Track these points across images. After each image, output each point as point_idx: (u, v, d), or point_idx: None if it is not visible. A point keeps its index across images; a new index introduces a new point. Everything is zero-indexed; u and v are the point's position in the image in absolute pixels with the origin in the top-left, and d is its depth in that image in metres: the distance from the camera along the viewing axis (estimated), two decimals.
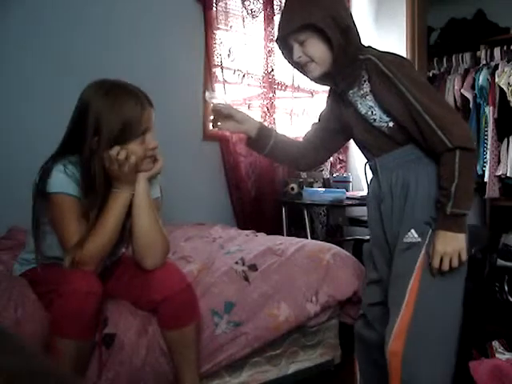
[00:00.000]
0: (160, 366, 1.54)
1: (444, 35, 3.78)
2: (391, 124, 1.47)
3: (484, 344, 2.34)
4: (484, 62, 3.52)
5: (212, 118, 1.60)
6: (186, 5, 2.93)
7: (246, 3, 3.09)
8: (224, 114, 1.59)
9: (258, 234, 2.42)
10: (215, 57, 2.97)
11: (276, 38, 1.57)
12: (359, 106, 1.49)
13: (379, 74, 1.43)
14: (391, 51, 1.51)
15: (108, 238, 1.45)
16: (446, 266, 1.41)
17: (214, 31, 2.97)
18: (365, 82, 1.46)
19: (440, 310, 1.44)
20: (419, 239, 1.45)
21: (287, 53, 1.57)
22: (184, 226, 2.58)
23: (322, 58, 1.48)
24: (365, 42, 1.53)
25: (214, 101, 1.61)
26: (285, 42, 1.54)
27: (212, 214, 2.98)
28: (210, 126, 1.63)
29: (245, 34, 3.13)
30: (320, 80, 1.57)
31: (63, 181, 1.43)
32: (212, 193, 3.07)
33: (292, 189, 3.11)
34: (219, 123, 1.61)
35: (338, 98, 1.60)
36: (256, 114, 3.17)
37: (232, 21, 3.10)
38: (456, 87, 3.59)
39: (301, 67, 1.55)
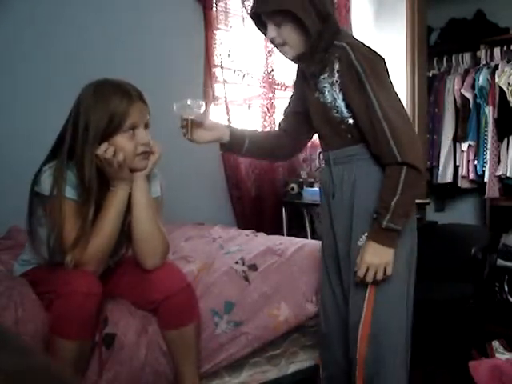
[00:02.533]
0: (160, 365, 1.54)
1: (444, 35, 3.78)
2: (350, 121, 1.45)
3: (484, 344, 2.35)
4: (484, 62, 3.52)
5: (184, 130, 1.53)
6: (186, 5, 2.93)
7: (246, 3, 3.08)
8: (195, 123, 1.53)
9: (257, 233, 2.42)
10: (215, 57, 2.97)
11: (249, 12, 1.51)
12: (326, 93, 1.46)
13: (350, 65, 1.39)
14: (369, 46, 1.47)
15: (107, 237, 1.45)
16: (370, 278, 1.41)
17: (214, 31, 2.97)
18: (336, 71, 1.42)
19: (395, 314, 1.47)
20: None
21: (262, 28, 1.52)
22: (184, 226, 2.58)
23: (297, 43, 1.44)
24: (365, 42, 1.50)
25: (184, 113, 1.50)
26: (259, 18, 1.49)
27: (212, 214, 2.98)
28: (185, 138, 1.54)
29: (245, 34, 3.14)
30: (295, 61, 1.53)
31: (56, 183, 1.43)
32: (212, 193, 3.07)
33: (292, 189, 3.11)
34: (192, 135, 1.53)
35: (305, 81, 1.57)
36: (256, 114, 3.17)
37: (232, 21, 3.10)
38: (456, 87, 3.58)
39: (275, 45, 1.51)
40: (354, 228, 1.47)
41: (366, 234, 1.44)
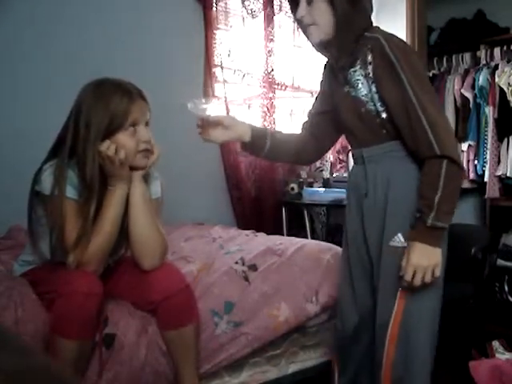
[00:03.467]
0: (160, 365, 1.54)
1: (444, 35, 3.78)
2: (384, 115, 1.40)
3: (484, 344, 2.35)
4: (484, 62, 3.52)
5: (200, 130, 1.51)
6: (186, 5, 2.93)
7: (246, 3, 3.08)
8: (212, 124, 1.50)
9: (257, 233, 2.42)
10: (215, 57, 2.97)
11: None
12: (360, 86, 1.40)
13: (384, 56, 1.35)
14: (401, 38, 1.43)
15: (108, 236, 1.45)
16: (418, 281, 1.34)
17: (214, 31, 2.97)
18: (369, 63, 1.37)
19: (423, 316, 1.43)
20: (405, 244, 1.38)
21: (294, 7, 1.48)
22: (184, 226, 2.58)
23: (326, 24, 1.40)
24: None
25: (199, 111, 1.48)
26: None
27: (212, 214, 2.98)
28: (202, 139, 1.53)
29: (245, 34, 3.13)
30: (320, 48, 1.49)
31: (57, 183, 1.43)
32: (212, 193, 3.07)
33: (292, 189, 3.11)
34: (209, 135, 1.51)
35: (333, 76, 1.52)
36: (256, 114, 3.17)
37: (232, 21, 3.10)
38: (456, 87, 3.58)
39: (303, 27, 1.47)
40: (387, 228, 1.41)
41: (400, 235, 1.38)
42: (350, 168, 1.59)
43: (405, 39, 3.43)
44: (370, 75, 1.38)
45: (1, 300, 1.44)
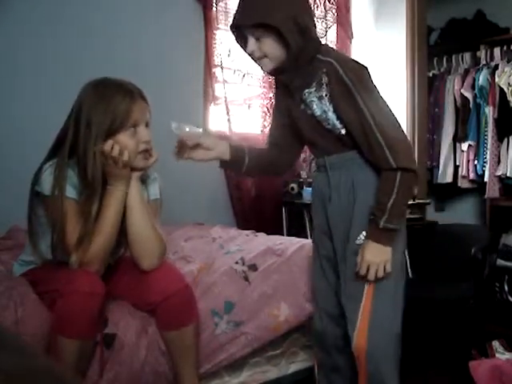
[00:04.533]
0: (160, 365, 1.54)
1: (444, 35, 3.78)
2: (343, 131, 1.48)
3: (484, 344, 2.35)
4: (484, 62, 3.52)
5: (176, 149, 1.52)
6: (186, 5, 2.93)
7: None
8: (189, 145, 1.51)
9: (257, 233, 2.42)
10: (215, 57, 2.97)
11: (230, 25, 1.51)
12: (315, 106, 1.48)
13: (339, 80, 1.42)
14: (350, 56, 1.50)
15: (109, 236, 1.45)
16: (371, 276, 1.46)
17: (214, 31, 2.97)
18: (325, 85, 1.45)
19: (391, 308, 1.52)
20: None
21: (241, 40, 1.52)
22: (184, 226, 2.58)
23: (277, 56, 1.45)
24: (365, 41, 1.51)
25: (182, 132, 1.48)
26: (239, 30, 1.49)
27: (212, 214, 2.98)
28: (175, 158, 1.53)
29: None
30: (274, 73, 1.54)
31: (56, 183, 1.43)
32: (212, 193, 3.07)
33: (292, 189, 3.11)
34: (185, 155, 1.53)
35: (287, 93, 1.57)
36: (256, 114, 3.17)
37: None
38: (456, 87, 3.58)
39: (254, 59, 1.51)
40: (353, 229, 1.51)
41: (364, 233, 1.48)
42: (314, 175, 1.69)
43: (405, 39, 3.43)
44: (327, 96, 1.45)
45: (1, 300, 1.44)
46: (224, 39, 3.02)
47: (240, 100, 3.12)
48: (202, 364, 1.63)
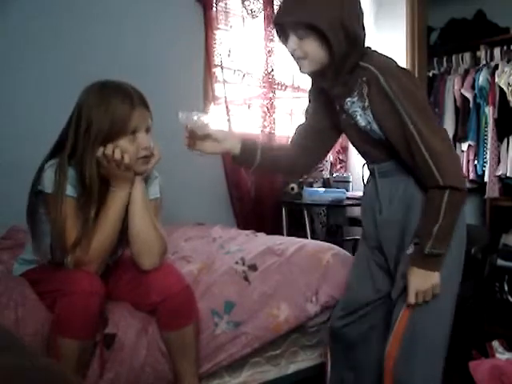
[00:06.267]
0: (160, 365, 1.54)
1: (444, 35, 3.78)
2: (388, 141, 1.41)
3: (484, 344, 2.35)
4: (484, 62, 3.52)
5: (187, 140, 1.49)
6: (186, 5, 2.92)
7: (246, 3, 3.08)
8: (200, 136, 1.48)
9: (257, 233, 2.42)
10: (215, 57, 2.97)
11: (273, 20, 1.45)
12: (358, 117, 1.41)
13: (379, 90, 1.34)
14: (391, 58, 1.42)
15: (109, 237, 1.45)
16: (420, 302, 1.39)
17: (214, 31, 2.97)
18: (365, 94, 1.37)
19: (433, 319, 1.44)
20: None
21: (283, 38, 1.45)
22: (184, 226, 2.58)
23: (318, 58, 1.38)
24: (365, 42, 1.48)
25: (190, 122, 1.46)
26: (282, 27, 1.42)
27: (212, 214, 2.98)
28: (186, 147, 1.50)
29: (245, 34, 3.13)
30: (312, 76, 1.48)
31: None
32: (212, 193, 3.06)
33: (292, 189, 3.11)
34: (196, 145, 1.49)
35: (327, 98, 1.51)
36: (256, 114, 3.17)
37: (232, 21, 3.10)
38: (456, 87, 3.59)
39: (294, 58, 1.44)
40: (406, 238, 1.44)
41: (413, 245, 1.40)
42: (366, 179, 1.61)
43: (405, 39, 3.43)
44: (369, 108, 1.37)
45: (1, 300, 1.44)
46: (224, 39, 3.02)
47: (240, 100, 3.12)
48: (202, 364, 1.63)
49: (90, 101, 1.44)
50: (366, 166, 1.60)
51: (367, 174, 1.60)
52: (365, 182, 1.63)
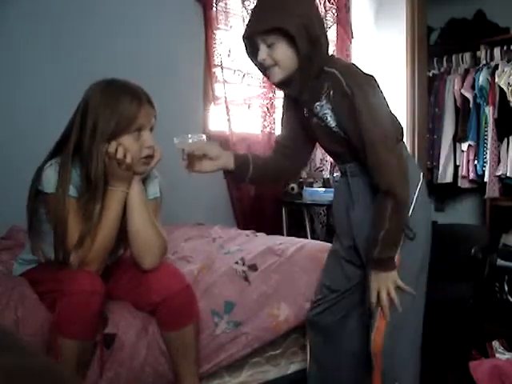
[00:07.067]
0: (160, 365, 1.54)
1: (444, 35, 3.78)
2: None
3: (484, 344, 2.35)
4: (484, 62, 3.52)
5: (185, 163, 1.51)
6: (186, 5, 2.93)
7: (246, 3, 3.08)
8: (198, 156, 1.50)
9: (257, 234, 2.42)
10: (215, 57, 2.98)
11: (243, 35, 1.53)
12: (329, 118, 1.47)
13: (342, 92, 1.41)
14: (358, 67, 1.49)
15: (109, 236, 1.46)
16: (384, 301, 1.45)
17: (214, 31, 2.98)
18: (332, 98, 1.44)
19: (412, 309, 1.50)
20: None
21: (251, 51, 1.53)
22: (184, 226, 2.58)
23: (287, 64, 1.45)
24: (365, 41, 1.50)
25: (186, 145, 1.47)
26: (251, 40, 1.50)
27: (212, 214, 2.98)
28: (186, 171, 1.53)
29: None
30: (281, 85, 1.53)
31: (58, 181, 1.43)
32: (212, 193, 3.06)
33: (292, 189, 3.11)
34: (195, 167, 1.52)
35: (297, 106, 1.57)
36: (256, 114, 3.17)
37: (232, 21, 3.10)
38: (456, 87, 3.58)
39: (263, 68, 1.52)
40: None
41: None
42: (336, 181, 1.68)
43: (405, 39, 3.43)
44: (336, 109, 1.45)
45: (1, 300, 1.44)
46: (224, 39, 3.02)
47: (240, 100, 3.12)
48: (202, 364, 1.63)
49: (97, 99, 1.44)
50: (336, 166, 1.65)
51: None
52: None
